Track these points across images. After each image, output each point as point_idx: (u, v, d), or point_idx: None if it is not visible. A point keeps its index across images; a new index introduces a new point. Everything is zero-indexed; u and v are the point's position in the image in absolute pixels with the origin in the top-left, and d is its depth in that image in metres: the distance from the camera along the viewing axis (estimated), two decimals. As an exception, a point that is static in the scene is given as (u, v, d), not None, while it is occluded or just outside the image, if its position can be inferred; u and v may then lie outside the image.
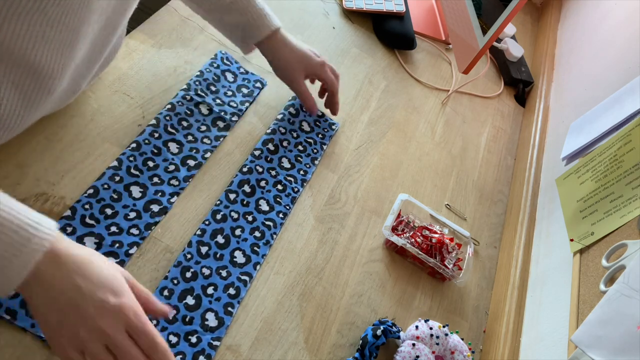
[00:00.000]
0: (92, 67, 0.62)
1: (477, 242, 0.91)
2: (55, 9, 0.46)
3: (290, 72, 0.82)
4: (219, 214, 0.70)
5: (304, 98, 0.83)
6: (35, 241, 0.45)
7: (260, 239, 0.70)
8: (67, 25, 0.49)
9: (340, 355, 0.68)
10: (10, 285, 0.45)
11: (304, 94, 0.83)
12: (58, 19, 0.47)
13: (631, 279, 0.60)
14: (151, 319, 0.58)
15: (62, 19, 0.48)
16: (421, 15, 1.24)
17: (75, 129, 0.68)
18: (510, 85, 1.26)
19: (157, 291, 0.61)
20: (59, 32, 0.49)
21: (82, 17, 0.50)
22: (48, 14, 0.46)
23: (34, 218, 0.46)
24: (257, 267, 0.68)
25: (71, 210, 0.61)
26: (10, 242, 0.44)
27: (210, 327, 0.61)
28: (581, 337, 0.62)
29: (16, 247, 0.44)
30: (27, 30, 0.46)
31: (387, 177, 0.90)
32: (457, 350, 0.69)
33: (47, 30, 0.47)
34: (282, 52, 0.80)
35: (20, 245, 0.44)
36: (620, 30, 1.04)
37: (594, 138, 0.86)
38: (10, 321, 0.53)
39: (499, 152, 1.10)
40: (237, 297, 0.64)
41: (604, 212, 0.74)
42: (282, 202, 0.75)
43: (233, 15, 0.76)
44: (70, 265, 0.46)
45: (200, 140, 0.75)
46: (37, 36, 0.47)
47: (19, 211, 0.45)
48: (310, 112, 0.85)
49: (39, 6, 0.44)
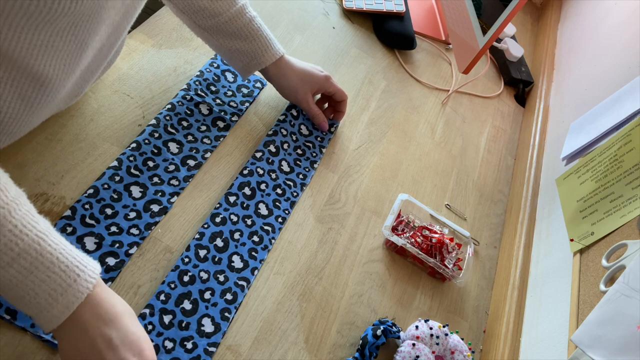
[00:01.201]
0: (95, 71, 0.62)
1: (477, 242, 0.91)
2: (64, 19, 0.45)
3: (296, 93, 0.82)
4: (218, 216, 0.69)
5: (313, 116, 0.84)
6: (80, 282, 0.46)
7: (258, 243, 0.70)
8: (75, 35, 0.48)
9: (340, 355, 0.68)
10: (52, 324, 0.46)
11: (313, 112, 0.83)
12: (67, 29, 0.47)
13: (631, 279, 0.60)
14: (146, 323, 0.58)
15: (71, 30, 0.47)
16: (421, 15, 1.24)
17: (75, 129, 0.68)
18: (510, 85, 1.26)
19: (154, 296, 0.60)
20: (68, 42, 0.48)
21: (90, 28, 0.49)
22: (57, 26, 0.45)
23: (80, 258, 0.47)
24: (255, 272, 0.67)
25: (71, 210, 0.61)
26: (59, 281, 0.45)
27: (206, 332, 0.60)
28: (581, 337, 0.62)
29: (63, 287, 0.45)
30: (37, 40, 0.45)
31: (387, 177, 0.90)
32: (457, 350, 0.69)
33: (57, 41, 0.47)
34: (285, 77, 0.80)
35: (67, 286, 0.45)
36: (620, 30, 1.04)
37: (594, 138, 0.86)
38: (10, 321, 0.52)
39: (499, 152, 1.10)
40: (234, 302, 0.64)
41: (604, 212, 0.74)
42: (281, 206, 0.75)
43: (236, 41, 0.75)
44: (105, 315, 0.48)
45: (200, 140, 0.75)
46: (45, 46, 0.46)
47: (67, 248, 0.47)
48: (321, 129, 0.85)
49: (50, 18, 0.44)
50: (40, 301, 0.45)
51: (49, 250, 0.45)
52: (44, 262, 0.44)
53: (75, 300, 0.46)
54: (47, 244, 0.45)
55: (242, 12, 0.73)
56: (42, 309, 0.45)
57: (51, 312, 0.45)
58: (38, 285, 0.44)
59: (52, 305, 0.45)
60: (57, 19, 0.44)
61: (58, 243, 0.46)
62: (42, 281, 0.44)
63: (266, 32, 0.76)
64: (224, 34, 0.74)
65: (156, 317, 0.58)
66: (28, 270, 0.44)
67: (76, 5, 0.44)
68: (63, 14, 0.44)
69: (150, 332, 0.57)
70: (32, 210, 0.46)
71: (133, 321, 0.50)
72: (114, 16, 0.53)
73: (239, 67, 0.78)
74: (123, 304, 0.50)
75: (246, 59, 0.76)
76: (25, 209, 0.45)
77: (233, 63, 0.78)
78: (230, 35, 0.74)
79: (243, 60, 0.77)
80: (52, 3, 0.42)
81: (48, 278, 0.44)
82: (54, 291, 0.45)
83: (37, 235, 0.45)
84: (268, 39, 0.76)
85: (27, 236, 0.44)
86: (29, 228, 0.44)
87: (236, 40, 0.75)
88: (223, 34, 0.74)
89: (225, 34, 0.74)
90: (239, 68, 0.78)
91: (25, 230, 0.44)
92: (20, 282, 0.44)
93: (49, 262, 0.45)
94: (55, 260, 0.45)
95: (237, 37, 0.74)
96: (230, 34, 0.74)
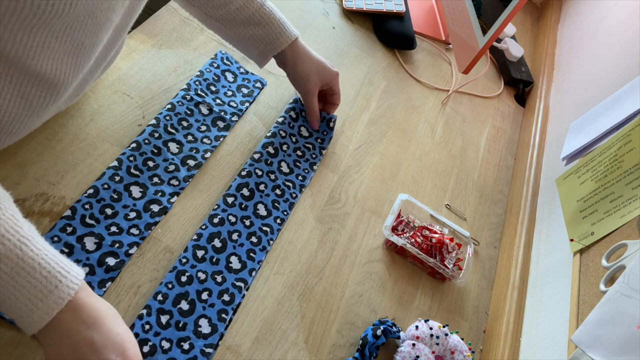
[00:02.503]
0: (95, 71, 0.62)
1: (477, 242, 0.91)
2: (59, 21, 0.45)
3: (308, 83, 0.80)
4: (216, 217, 0.69)
5: (310, 111, 0.84)
6: (62, 289, 0.46)
7: (256, 244, 0.70)
8: (71, 36, 0.48)
9: (340, 355, 0.68)
10: (32, 329, 0.46)
11: (313, 109, 0.83)
12: (63, 31, 0.47)
13: (631, 279, 0.60)
14: (143, 323, 0.58)
15: (66, 31, 0.47)
16: (421, 15, 1.24)
17: (75, 129, 0.68)
18: (510, 85, 1.26)
19: (152, 297, 0.60)
20: (64, 43, 0.48)
21: (87, 29, 0.50)
22: (52, 27, 0.46)
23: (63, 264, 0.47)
24: (253, 273, 0.67)
25: (71, 210, 0.61)
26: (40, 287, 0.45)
27: (203, 333, 0.60)
28: (581, 337, 0.62)
29: (44, 293, 0.45)
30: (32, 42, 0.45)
31: (387, 177, 0.90)
32: (457, 350, 0.69)
33: (52, 42, 0.47)
34: (302, 62, 0.78)
35: (47, 292, 0.45)
36: (620, 30, 1.04)
37: (594, 138, 0.86)
38: (10, 321, 0.52)
39: (499, 152, 1.10)
40: (231, 303, 0.63)
41: (604, 212, 0.74)
42: (280, 207, 0.75)
43: (249, 28, 0.73)
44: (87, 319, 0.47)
45: (200, 140, 0.75)
46: (42, 48, 0.47)
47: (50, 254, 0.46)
48: (312, 126, 0.85)
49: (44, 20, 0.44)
50: (21, 306, 0.44)
51: (31, 256, 0.45)
52: (25, 267, 0.44)
53: (55, 307, 0.45)
54: (30, 249, 0.45)
55: None
56: (23, 313, 0.45)
57: (31, 317, 0.45)
58: (18, 291, 0.44)
59: (32, 311, 0.45)
60: (51, 20, 0.44)
61: (41, 249, 0.46)
62: (22, 287, 0.44)
63: (279, 15, 0.75)
64: (236, 22, 0.73)
65: (153, 317, 0.58)
66: (9, 275, 0.44)
67: (70, 8, 0.44)
68: (57, 16, 0.44)
69: (148, 332, 0.57)
70: (17, 214, 0.46)
71: (117, 322, 0.50)
72: (112, 17, 0.53)
73: (255, 54, 0.77)
74: (107, 306, 0.50)
75: (262, 45, 0.75)
76: (10, 213, 0.45)
77: (248, 51, 0.77)
78: (242, 22, 0.73)
79: (259, 47, 0.75)
80: (46, 5, 0.42)
81: (29, 284, 0.44)
82: (34, 297, 0.45)
83: (20, 240, 0.44)
84: (281, 22, 0.75)
85: (9, 241, 0.44)
86: (12, 233, 0.44)
87: (249, 27, 0.73)
88: (235, 22, 0.73)
89: (237, 22, 0.73)
90: (255, 55, 0.77)
91: (7, 235, 0.44)
92: (1, 286, 0.44)
93: (30, 267, 0.44)
94: (36, 265, 0.45)
95: (250, 24, 0.73)
96: (242, 21, 0.73)
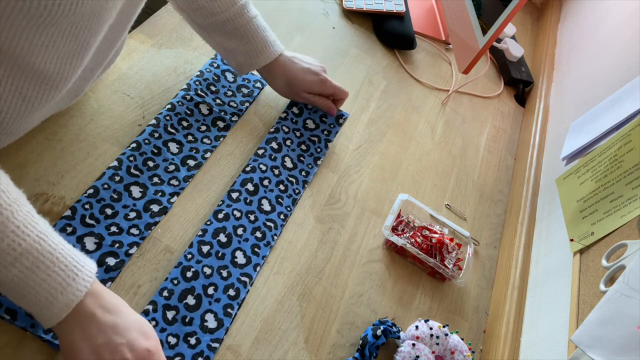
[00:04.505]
0: (95, 71, 0.62)
1: (477, 242, 0.91)
2: (65, 20, 0.45)
3: (287, 94, 0.84)
4: (221, 213, 0.69)
5: (317, 106, 0.85)
6: (79, 281, 0.48)
7: (261, 239, 0.70)
8: (76, 36, 0.49)
9: (340, 355, 0.68)
10: (52, 321, 0.47)
11: (316, 103, 0.84)
12: (69, 30, 0.47)
13: (631, 279, 0.60)
14: (149, 319, 0.58)
15: (72, 30, 0.47)
16: (421, 15, 1.24)
17: (75, 129, 0.68)
18: (510, 85, 1.26)
19: (157, 292, 0.60)
20: (69, 42, 0.49)
21: (92, 28, 0.50)
22: (59, 26, 0.46)
23: (78, 258, 0.49)
24: (257, 268, 0.68)
25: (71, 210, 0.61)
26: (59, 280, 0.46)
27: (209, 328, 0.60)
28: (581, 337, 0.62)
29: (63, 286, 0.47)
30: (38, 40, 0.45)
31: (387, 177, 0.90)
32: (457, 350, 0.69)
33: (58, 41, 0.47)
34: (275, 79, 0.80)
35: (66, 284, 0.47)
36: (620, 30, 1.04)
37: (594, 138, 0.86)
38: (10, 321, 0.52)
39: (499, 152, 1.10)
40: (236, 298, 0.64)
41: (604, 212, 0.74)
42: (284, 203, 0.75)
43: (232, 41, 0.75)
44: (107, 305, 0.50)
45: (200, 140, 0.75)
46: (47, 47, 0.47)
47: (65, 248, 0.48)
48: (330, 114, 0.86)
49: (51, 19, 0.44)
50: (41, 299, 0.46)
51: (49, 250, 0.46)
52: (44, 261, 0.46)
53: (74, 298, 0.47)
54: (47, 244, 0.46)
55: (240, 13, 0.73)
56: (43, 306, 0.46)
57: (52, 309, 0.47)
58: (39, 284, 0.46)
59: (53, 304, 0.46)
60: (58, 20, 0.44)
61: (57, 243, 0.48)
62: (42, 280, 0.46)
63: (263, 34, 0.76)
64: (220, 33, 0.75)
65: (159, 313, 0.59)
66: (29, 270, 0.45)
67: (77, 7, 0.44)
68: (64, 16, 0.44)
69: (154, 328, 0.57)
70: (32, 210, 0.48)
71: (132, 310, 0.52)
72: (114, 16, 0.53)
73: (234, 66, 0.80)
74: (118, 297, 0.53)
75: (241, 59, 0.77)
76: (26, 209, 0.47)
77: (229, 61, 0.80)
78: (226, 34, 0.75)
79: (237, 60, 0.78)
80: (53, 5, 0.42)
81: (48, 277, 0.46)
82: (54, 289, 0.46)
83: (38, 236, 0.46)
84: (264, 41, 0.76)
85: (28, 237, 0.45)
86: (30, 229, 0.46)
87: (232, 40, 0.75)
88: (220, 32, 0.75)
89: (221, 32, 0.75)
90: (234, 66, 0.80)
91: (27, 231, 0.45)
92: (22, 281, 0.45)
93: (49, 261, 0.46)
94: (55, 259, 0.46)
95: (234, 37, 0.75)
96: (226, 33, 0.74)
